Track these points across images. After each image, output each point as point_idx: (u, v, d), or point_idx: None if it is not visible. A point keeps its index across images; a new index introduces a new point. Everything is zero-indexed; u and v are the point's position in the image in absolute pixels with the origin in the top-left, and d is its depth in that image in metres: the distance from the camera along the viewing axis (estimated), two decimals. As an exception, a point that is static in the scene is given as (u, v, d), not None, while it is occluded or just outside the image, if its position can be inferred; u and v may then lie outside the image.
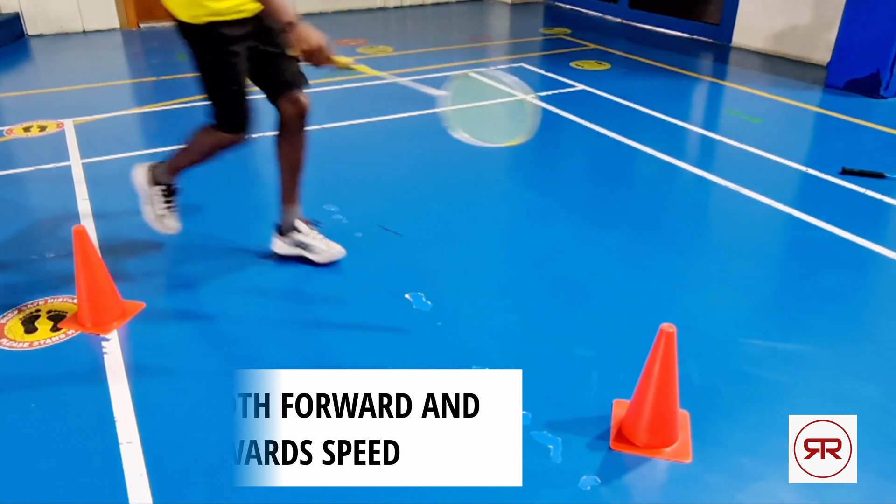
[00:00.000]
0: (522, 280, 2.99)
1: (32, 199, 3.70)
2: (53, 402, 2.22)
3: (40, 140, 4.41)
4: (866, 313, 2.78)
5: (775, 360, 2.43)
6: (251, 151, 4.36)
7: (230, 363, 2.44)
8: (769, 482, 1.93)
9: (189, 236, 3.13)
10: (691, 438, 2.07)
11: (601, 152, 4.38)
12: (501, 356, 2.44)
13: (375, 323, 2.64)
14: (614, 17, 8.46)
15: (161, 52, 6.71)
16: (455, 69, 6.12)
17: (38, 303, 2.73)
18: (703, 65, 6.53)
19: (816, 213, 3.47)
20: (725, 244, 3.30)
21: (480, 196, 3.76)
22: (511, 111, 2.37)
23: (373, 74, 2.53)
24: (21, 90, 5.60)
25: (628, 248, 3.22)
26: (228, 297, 2.80)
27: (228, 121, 2.67)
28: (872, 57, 5.28)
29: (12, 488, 1.91)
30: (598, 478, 1.94)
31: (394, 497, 1.88)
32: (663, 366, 1.93)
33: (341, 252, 2.99)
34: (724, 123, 5.07)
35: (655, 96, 5.37)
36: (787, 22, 6.50)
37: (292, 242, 2.96)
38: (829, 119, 5.01)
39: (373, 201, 3.62)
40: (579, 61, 6.40)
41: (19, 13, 7.11)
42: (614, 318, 2.68)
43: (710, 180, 3.94)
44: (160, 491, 1.89)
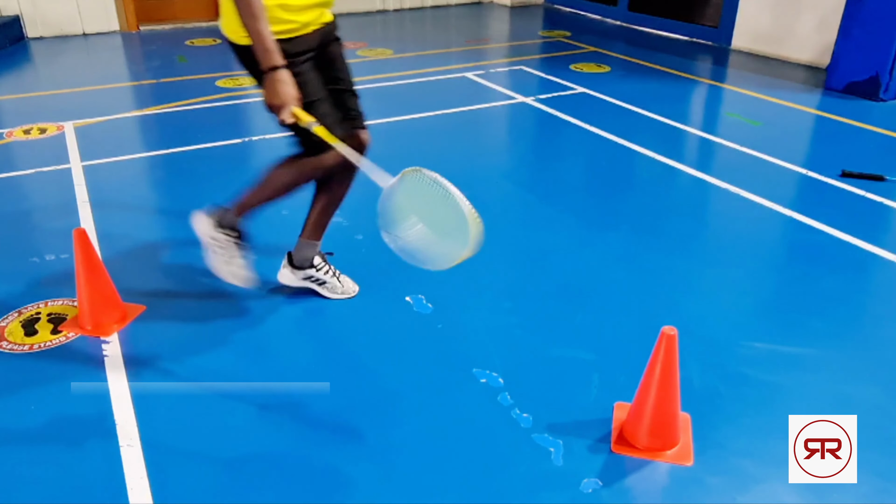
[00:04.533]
0: (523, 283, 2.99)
1: (32, 201, 3.70)
2: (54, 404, 2.22)
3: (40, 143, 4.41)
4: (866, 316, 2.79)
5: (776, 362, 2.43)
6: (251, 153, 4.37)
7: (230, 365, 2.43)
8: (770, 484, 1.93)
9: (189, 239, 3.12)
10: (692, 441, 2.07)
11: (601, 155, 4.38)
12: (502, 359, 2.44)
13: (376, 325, 2.64)
14: (614, 19, 8.47)
15: (161, 55, 6.71)
16: (455, 72, 6.13)
17: (38, 305, 2.72)
18: (702, 67, 6.53)
19: (816, 216, 3.47)
20: (726, 247, 3.31)
21: (481, 198, 3.74)
22: (457, 225, 2.06)
23: (331, 141, 2.26)
24: (21, 93, 5.60)
25: (629, 250, 3.22)
26: (229, 299, 2.80)
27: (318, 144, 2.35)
28: (872, 60, 5.29)
29: (13, 491, 1.90)
30: (600, 480, 1.94)
31: (394, 498, 1.88)
32: (664, 368, 1.93)
33: (355, 290, 2.82)
34: (723, 126, 5.08)
35: (655, 99, 5.38)
36: (786, 25, 6.51)
37: (304, 276, 2.75)
38: (828, 122, 5.02)
39: (373, 203, 3.61)
40: (579, 64, 6.41)
41: (19, 16, 7.11)
42: (615, 320, 2.68)
43: (709, 183, 3.94)
44: (160, 493, 1.88)
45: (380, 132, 4.72)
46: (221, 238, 2.56)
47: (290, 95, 2.18)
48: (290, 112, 2.20)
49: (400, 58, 6.71)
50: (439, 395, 2.28)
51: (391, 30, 8.28)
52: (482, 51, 7.13)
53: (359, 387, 2.32)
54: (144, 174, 4.11)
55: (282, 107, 2.19)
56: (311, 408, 2.22)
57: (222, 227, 2.57)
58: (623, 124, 4.82)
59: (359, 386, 2.32)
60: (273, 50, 2.16)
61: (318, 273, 2.75)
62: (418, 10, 9.29)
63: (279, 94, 2.17)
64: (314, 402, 2.24)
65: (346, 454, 2.03)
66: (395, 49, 7.04)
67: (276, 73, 2.16)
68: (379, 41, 7.41)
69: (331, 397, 2.25)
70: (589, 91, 5.56)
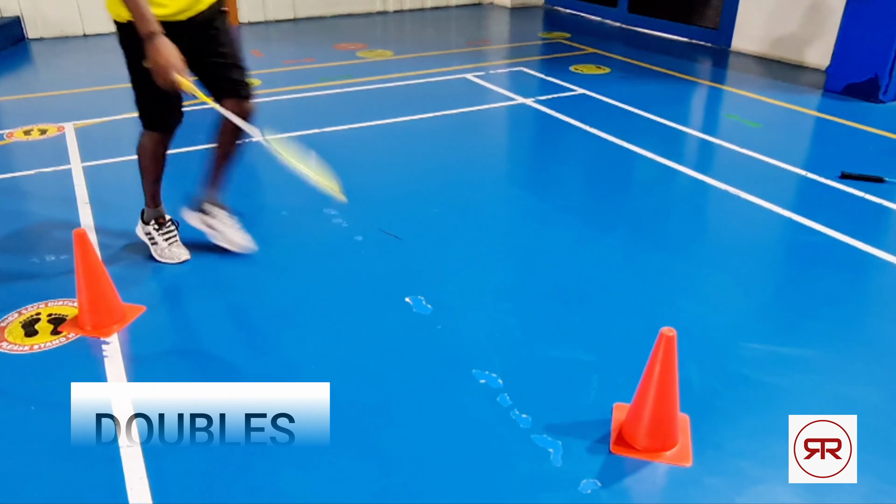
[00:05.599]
0: (522, 283, 2.99)
1: (33, 202, 3.70)
2: (54, 405, 2.22)
3: (41, 143, 4.41)
4: (866, 317, 2.79)
5: (775, 363, 2.44)
6: (251, 154, 4.37)
7: (231, 366, 2.43)
8: (769, 485, 1.93)
9: (190, 239, 3.13)
10: (691, 442, 2.07)
11: (601, 156, 4.39)
12: (501, 359, 2.44)
13: (376, 326, 2.64)
14: (613, 21, 8.48)
15: (161, 56, 6.71)
16: (454, 73, 6.13)
17: (38, 306, 2.73)
18: (702, 69, 6.54)
19: (816, 217, 3.48)
20: (725, 248, 3.31)
21: (481, 199, 3.77)
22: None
23: (207, 101, 2.67)
24: (21, 94, 5.60)
25: (628, 251, 3.23)
26: (229, 300, 2.81)
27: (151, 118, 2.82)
28: (871, 61, 5.29)
29: (13, 491, 1.91)
30: (599, 481, 1.94)
31: (393, 498, 1.88)
32: (663, 369, 1.93)
33: (244, 243, 3.09)
34: (723, 127, 5.08)
35: (655, 100, 5.38)
36: (786, 26, 6.51)
37: (200, 220, 3.13)
38: (827, 123, 5.03)
39: (372, 205, 3.63)
40: (579, 65, 6.42)
41: (20, 17, 7.12)
42: (614, 321, 2.68)
43: (709, 184, 3.94)
44: (160, 493, 1.89)
45: (380, 133, 4.75)
46: (151, 231, 3.05)
47: (173, 56, 2.42)
48: (174, 75, 2.42)
49: (400, 59, 6.72)
50: (438, 395, 2.28)
51: (391, 31, 8.29)
52: (482, 52, 7.13)
53: (358, 387, 2.32)
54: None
55: (166, 67, 2.41)
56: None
57: (146, 222, 3.05)
58: (623, 126, 4.82)
59: (358, 386, 2.32)
60: (150, 19, 2.41)
61: (209, 218, 3.11)
62: (418, 11, 9.30)
63: (162, 54, 2.41)
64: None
65: (345, 454, 2.04)
66: (395, 50, 7.04)
67: (155, 37, 2.41)
68: (379, 42, 7.42)
69: (331, 397, 2.25)
70: (588, 92, 5.56)
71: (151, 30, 2.40)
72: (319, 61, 6.57)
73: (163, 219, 3.07)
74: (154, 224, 3.05)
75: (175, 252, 3.04)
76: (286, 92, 5.54)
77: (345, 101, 5.40)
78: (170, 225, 3.08)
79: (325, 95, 5.51)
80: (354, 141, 4.57)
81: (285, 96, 5.44)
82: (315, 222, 3.41)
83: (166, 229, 3.06)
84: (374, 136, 4.69)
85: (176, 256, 3.04)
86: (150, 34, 2.40)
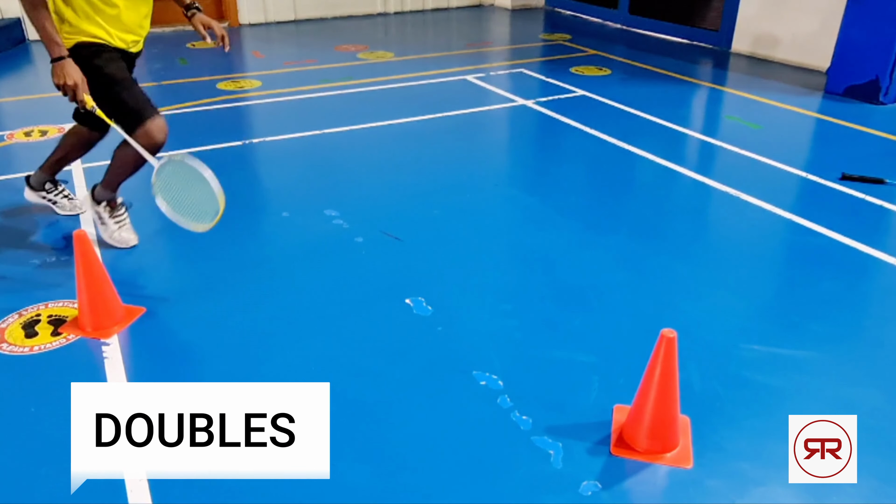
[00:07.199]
0: (522, 285, 2.99)
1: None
2: (54, 406, 2.22)
3: (41, 145, 4.41)
4: (866, 319, 2.79)
5: (776, 365, 2.43)
6: (251, 155, 4.37)
7: (231, 367, 2.43)
8: (770, 487, 1.93)
9: (190, 240, 3.13)
10: (692, 443, 2.07)
11: (601, 158, 4.39)
12: (501, 361, 2.44)
13: (376, 328, 2.64)
14: (614, 22, 8.49)
15: (162, 57, 6.72)
16: (455, 74, 6.14)
17: (38, 307, 2.73)
18: (702, 70, 6.54)
19: (816, 219, 3.48)
20: (726, 249, 3.31)
21: (481, 201, 3.77)
22: (205, 199, 2.59)
23: (107, 121, 2.84)
24: (22, 95, 5.61)
25: (628, 253, 3.23)
26: (229, 301, 2.80)
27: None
28: (872, 63, 5.29)
29: (13, 492, 1.91)
30: (599, 483, 1.94)
31: (393, 499, 1.88)
32: (664, 371, 1.93)
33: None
34: (723, 129, 5.08)
35: (655, 102, 5.38)
36: (786, 28, 6.52)
37: (41, 197, 3.44)
38: (828, 125, 5.02)
39: (373, 206, 3.63)
40: (579, 67, 6.42)
41: (21, 18, 7.12)
42: (615, 323, 2.68)
43: (710, 186, 3.94)
44: (160, 494, 1.89)
45: (381, 134, 4.75)
46: (102, 212, 3.14)
47: (78, 76, 2.66)
48: (81, 93, 2.67)
49: (401, 60, 6.72)
50: (439, 397, 2.28)
51: (392, 32, 8.30)
52: (483, 53, 7.14)
53: (358, 388, 2.32)
54: (144, 176, 4.09)
55: (74, 87, 2.66)
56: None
57: (98, 202, 3.14)
58: (623, 127, 4.82)
59: (358, 387, 2.32)
60: (60, 44, 2.67)
61: (52, 195, 3.43)
62: (419, 12, 9.31)
63: (69, 74, 2.65)
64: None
65: (345, 456, 2.04)
66: (396, 52, 7.05)
67: (63, 61, 2.65)
68: (380, 44, 7.43)
69: (331, 398, 2.25)
70: (589, 94, 5.56)
71: (61, 54, 2.65)
72: (320, 63, 6.58)
73: (115, 202, 3.15)
74: (105, 206, 3.13)
75: (124, 237, 3.14)
76: (287, 93, 5.54)
77: (346, 102, 5.40)
78: (121, 209, 3.18)
79: (326, 97, 5.51)
80: (355, 142, 4.58)
81: (286, 98, 5.44)
82: (316, 223, 3.41)
83: (117, 213, 3.16)
84: (374, 137, 4.69)
85: (125, 241, 3.13)
86: (60, 58, 2.65)
